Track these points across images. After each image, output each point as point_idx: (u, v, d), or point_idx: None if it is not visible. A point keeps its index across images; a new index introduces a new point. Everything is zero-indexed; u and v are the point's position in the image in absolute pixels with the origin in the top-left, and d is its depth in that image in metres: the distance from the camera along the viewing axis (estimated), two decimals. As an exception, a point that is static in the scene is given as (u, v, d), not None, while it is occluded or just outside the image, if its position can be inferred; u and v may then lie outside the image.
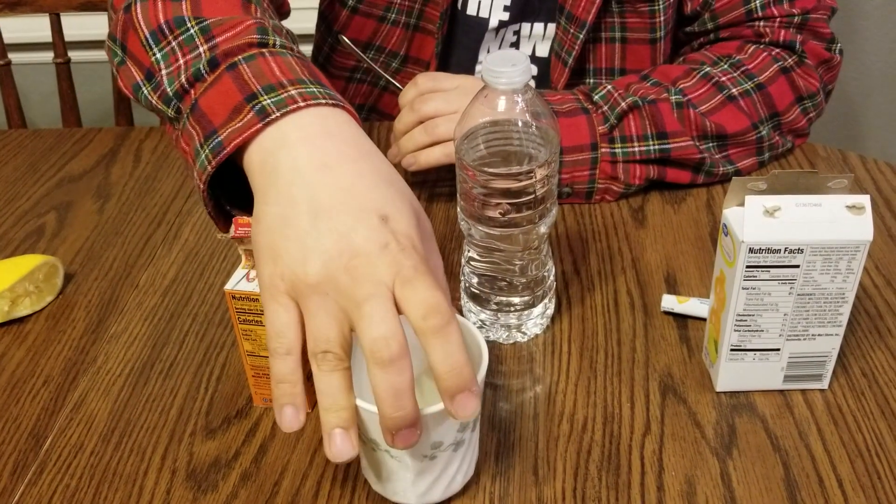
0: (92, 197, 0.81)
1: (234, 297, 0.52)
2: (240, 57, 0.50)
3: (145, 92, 0.54)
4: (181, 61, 0.52)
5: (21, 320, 0.66)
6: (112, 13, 0.60)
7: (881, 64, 1.49)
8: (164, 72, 0.53)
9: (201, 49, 0.52)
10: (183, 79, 0.51)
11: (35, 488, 0.52)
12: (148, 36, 0.55)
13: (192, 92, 0.51)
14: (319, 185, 0.44)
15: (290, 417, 0.43)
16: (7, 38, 1.12)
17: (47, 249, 0.74)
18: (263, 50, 0.51)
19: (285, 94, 0.48)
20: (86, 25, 1.34)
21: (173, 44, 0.53)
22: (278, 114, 0.47)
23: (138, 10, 0.56)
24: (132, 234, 0.75)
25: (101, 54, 1.45)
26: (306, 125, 0.47)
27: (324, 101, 0.48)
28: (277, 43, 0.52)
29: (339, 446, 0.42)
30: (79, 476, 0.53)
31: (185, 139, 0.52)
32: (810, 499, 0.49)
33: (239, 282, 0.52)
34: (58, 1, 1.07)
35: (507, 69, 0.52)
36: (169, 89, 0.52)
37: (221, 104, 0.49)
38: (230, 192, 0.55)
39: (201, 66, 0.51)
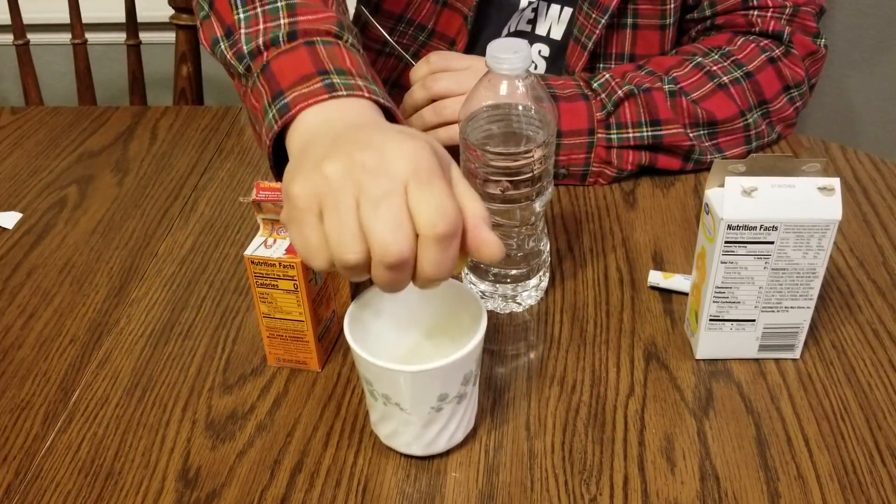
0: (111, 171, 0.85)
1: (252, 263, 0.56)
2: (318, 38, 0.57)
3: (222, 47, 0.60)
4: (261, 26, 0.58)
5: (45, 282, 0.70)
6: None
7: (876, 62, 1.53)
8: (243, 31, 0.59)
9: (282, 21, 0.58)
10: (260, 41, 0.57)
11: (65, 435, 0.57)
12: None
13: (266, 54, 0.57)
14: (346, 127, 0.49)
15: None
16: (25, 19, 1.16)
17: (70, 220, 0.78)
18: (339, 41, 0.58)
19: (353, 82, 0.54)
20: (101, 7, 1.37)
21: (258, 10, 0.59)
22: (345, 93, 0.53)
23: None
24: (150, 207, 0.80)
25: (115, 36, 1.49)
26: (363, 109, 0.53)
27: (382, 101, 0.54)
28: (350, 40, 0.59)
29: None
30: (105, 425, 0.57)
31: (255, 96, 0.57)
32: (779, 456, 0.54)
33: (257, 248, 0.56)
34: (76, -17, 1.11)
35: (509, 56, 0.56)
36: (245, 47, 0.58)
37: (292, 70, 0.55)
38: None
39: (280, 35, 0.57)
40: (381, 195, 0.42)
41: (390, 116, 0.56)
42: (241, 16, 0.60)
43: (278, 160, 0.57)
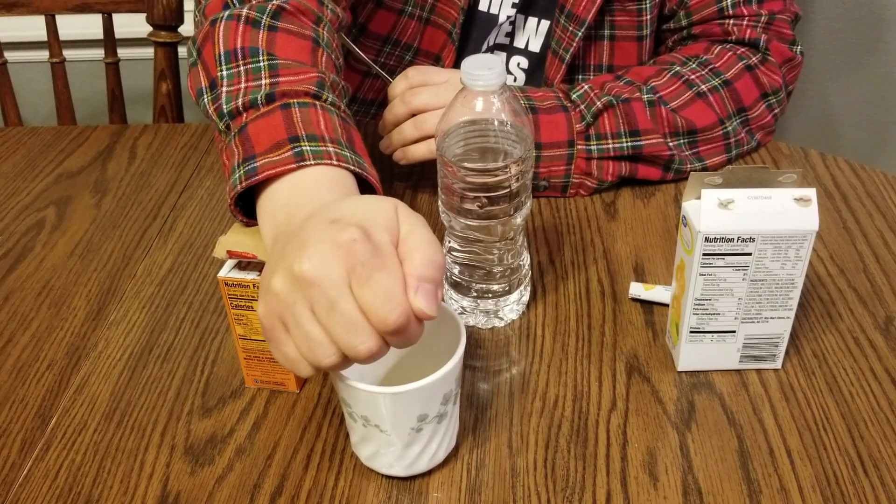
0: (90, 192, 0.84)
1: (226, 284, 0.56)
2: (295, 101, 0.57)
3: (206, 99, 0.60)
4: (242, 85, 0.58)
5: (23, 305, 0.69)
6: (201, 18, 0.66)
7: (856, 65, 1.54)
8: (224, 89, 0.59)
9: (263, 82, 0.58)
10: (240, 102, 0.57)
11: (42, 463, 0.56)
12: (222, 54, 0.61)
13: (245, 116, 0.57)
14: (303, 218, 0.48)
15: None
16: (2, 38, 1.15)
17: (48, 242, 0.77)
18: (316, 102, 0.58)
19: (324, 149, 0.54)
20: (80, 25, 1.37)
21: (241, 68, 0.59)
22: (312, 162, 0.53)
23: (221, 27, 0.62)
24: (129, 228, 0.79)
25: (94, 53, 1.48)
26: (332, 179, 0.53)
27: (352, 167, 0.54)
28: (329, 99, 0.59)
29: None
30: (83, 452, 0.57)
31: (228, 154, 0.58)
32: (762, 468, 0.54)
33: (231, 269, 0.56)
34: (54, 2, 1.10)
35: (483, 72, 0.56)
36: (225, 106, 0.58)
37: (267, 135, 0.55)
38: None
39: (259, 97, 0.57)
40: (329, 304, 0.43)
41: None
42: (224, 73, 0.60)
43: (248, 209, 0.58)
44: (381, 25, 0.92)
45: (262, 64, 0.59)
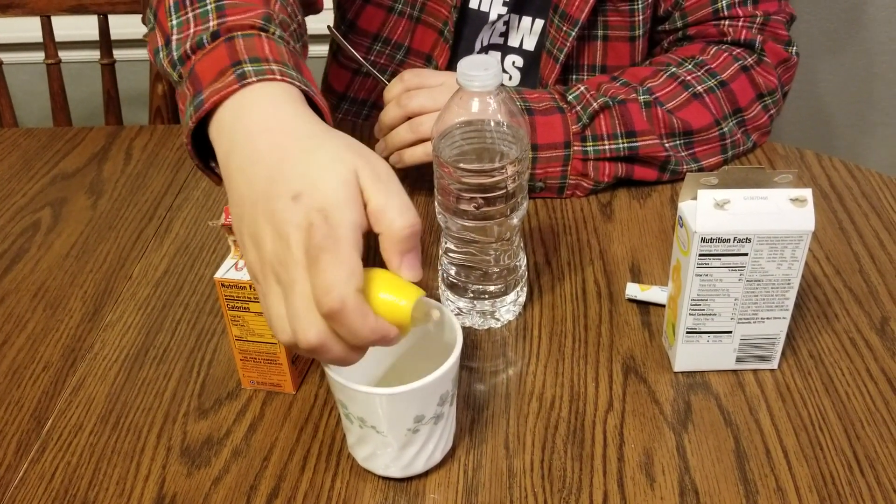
0: (85, 193, 0.84)
1: (223, 285, 0.56)
2: (238, 33, 0.56)
3: (161, 56, 0.60)
4: (191, 30, 0.57)
5: (19, 308, 0.69)
6: None
7: (850, 65, 1.55)
8: (174, 37, 0.58)
9: (210, 24, 0.57)
10: (188, 46, 0.57)
11: (38, 465, 0.56)
12: (171, 5, 0.60)
13: (193, 58, 0.56)
14: (261, 165, 0.47)
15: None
16: (-3, 39, 1.15)
17: (43, 244, 0.77)
18: (262, 34, 0.56)
19: (266, 67, 0.53)
20: (75, 26, 1.36)
21: (189, 14, 0.59)
22: (255, 79, 0.51)
23: None
24: (125, 229, 0.79)
25: (88, 54, 1.48)
26: (277, 95, 0.51)
27: (297, 84, 0.53)
28: (276, 33, 0.57)
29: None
30: (79, 454, 0.57)
31: (182, 99, 0.57)
32: (758, 468, 0.54)
33: (228, 270, 0.56)
34: (49, 3, 1.10)
35: (479, 73, 0.56)
36: (175, 54, 0.58)
37: (211, 68, 0.54)
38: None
39: (205, 37, 0.56)
40: (289, 284, 0.44)
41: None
42: (174, 22, 0.59)
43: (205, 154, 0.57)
44: (371, 22, 0.92)
45: (209, 7, 0.58)
